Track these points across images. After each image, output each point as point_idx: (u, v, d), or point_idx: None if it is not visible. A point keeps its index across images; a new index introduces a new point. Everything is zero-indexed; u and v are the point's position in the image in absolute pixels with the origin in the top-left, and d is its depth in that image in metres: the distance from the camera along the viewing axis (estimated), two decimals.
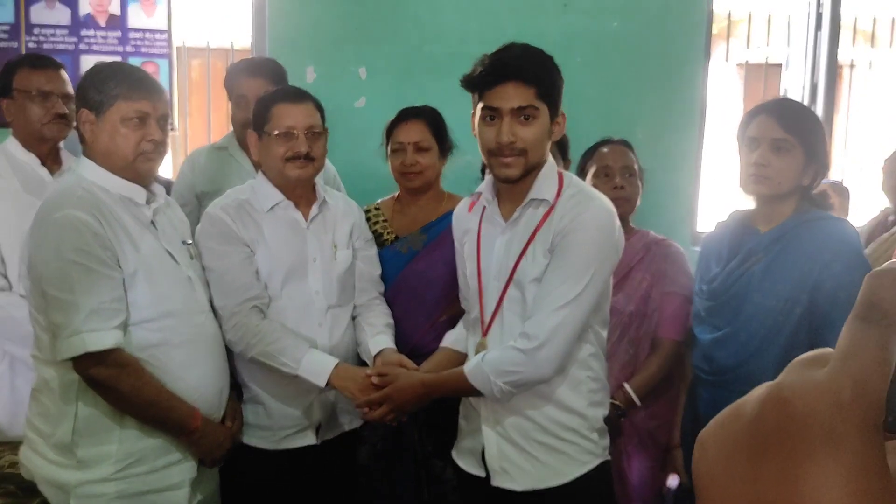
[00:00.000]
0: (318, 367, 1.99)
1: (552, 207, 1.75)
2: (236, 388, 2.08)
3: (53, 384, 1.77)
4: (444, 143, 2.33)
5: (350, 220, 2.26)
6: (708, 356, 1.96)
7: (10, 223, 2.28)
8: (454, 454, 1.97)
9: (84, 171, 1.82)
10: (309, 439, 2.15)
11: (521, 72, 1.70)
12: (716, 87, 4.06)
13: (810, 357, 0.40)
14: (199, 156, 2.78)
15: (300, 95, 2.13)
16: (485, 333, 1.83)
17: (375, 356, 2.09)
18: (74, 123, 1.92)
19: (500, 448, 1.80)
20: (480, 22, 3.80)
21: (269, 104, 2.11)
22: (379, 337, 2.14)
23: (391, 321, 2.25)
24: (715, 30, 3.98)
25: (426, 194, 2.36)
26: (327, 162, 2.81)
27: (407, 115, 2.32)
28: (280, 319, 2.08)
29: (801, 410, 0.37)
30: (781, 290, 1.80)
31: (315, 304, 2.13)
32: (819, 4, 4.07)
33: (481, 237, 1.85)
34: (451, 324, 2.23)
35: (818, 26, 4.07)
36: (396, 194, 2.43)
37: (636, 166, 2.27)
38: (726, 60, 4.10)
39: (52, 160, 2.51)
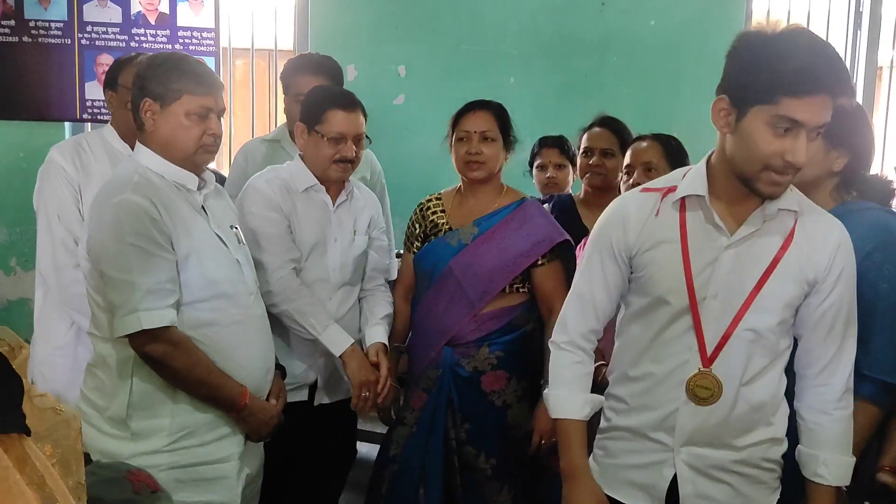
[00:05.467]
0: (338, 339, 2.25)
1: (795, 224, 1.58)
2: (280, 368, 2.16)
3: (110, 360, 1.86)
4: (508, 136, 2.36)
5: (370, 211, 2.46)
6: None
7: None
8: (602, 484, 1.71)
9: (141, 158, 1.90)
10: (301, 396, 2.34)
11: (837, 84, 1.43)
12: None
13: None
14: (253, 147, 2.90)
15: (353, 104, 2.28)
16: (709, 363, 1.58)
17: (369, 347, 2.34)
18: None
19: (695, 484, 1.62)
20: (518, 21, 3.86)
21: (324, 106, 2.26)
22: (374, 328, 2.37)
23: (391, 311, 2.45)
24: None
25: (486, 186, 2.36)
26: (374, 159, 2.92)
27: (474, 105, 2.36)
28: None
29: None
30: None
31: (330, 279, 2.35)
32: (859, 4, 4.05)
33: (689, 244, 1.58)
34: (494, 318, 2.29)
35: (857, 26, 4.06)
36: (458, 185, 2.45)
37: (662, 162, 2.27)
38: None
39: None
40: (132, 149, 2.44)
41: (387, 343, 2.36)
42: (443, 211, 2.40)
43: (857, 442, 1.66)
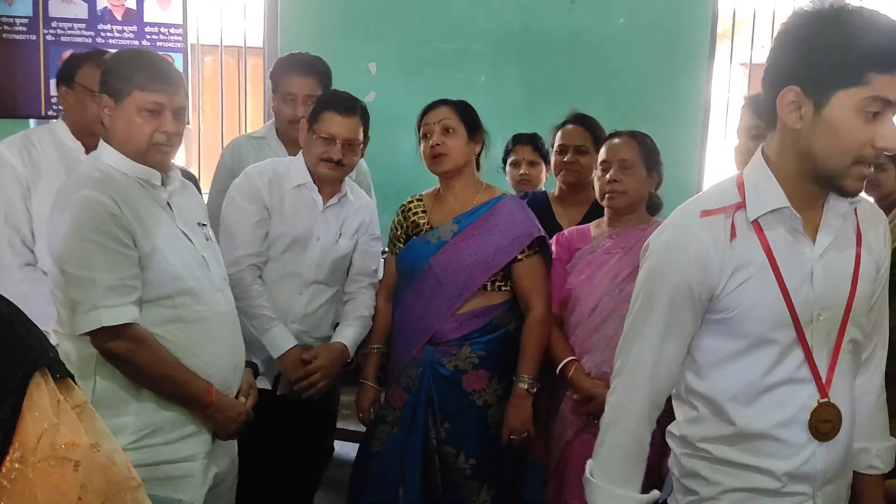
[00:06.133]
0: (278, 341, 2.33)
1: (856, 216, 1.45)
2: (252, 366, 2.15)
3: (73, 358, 1.82)
4: (472, 129, 2.36)
5: (361, 217, 2.50)
6: None
7: (48, 204, 2.35)
8: None
9: (103, 155, 1.88)
10: (264, 384, 2.35)
11: None
12: (720, 85, 4.12)
13: None
14: (240, 144, 2.92)
15: (351, 110, 2.34)
16: (826, 392, 1.39)
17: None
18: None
19: None
20: (488, 19, 3.88)
21: (323, 106, 2.36)
22: (341, 329, 2.45)
23: (366, 312, 2.48)
24: (720, 29, 4.04)
25: (460, 181, 2.36)
26: (361, 161, 2.91)
27: (434, 102, 2.40)
28: (272, 279, 2.39)
29: None
30: None
31: (304, 275, 2.41)
32: (823, 1, 4.11)
33: (780, 266, 1.37)
34: (476, 317, 2.29)
35: None
36: (438, 187, 2.45)
37: (638, 159, 2.28)
38: (730, 60, 4.15)
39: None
40: (85, 146, 2.44)
41: (348, 343, 2.41)
42: (424, 211, 2.41)
43: None
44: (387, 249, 2.54)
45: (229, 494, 2.07)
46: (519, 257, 2.28)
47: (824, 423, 1.39)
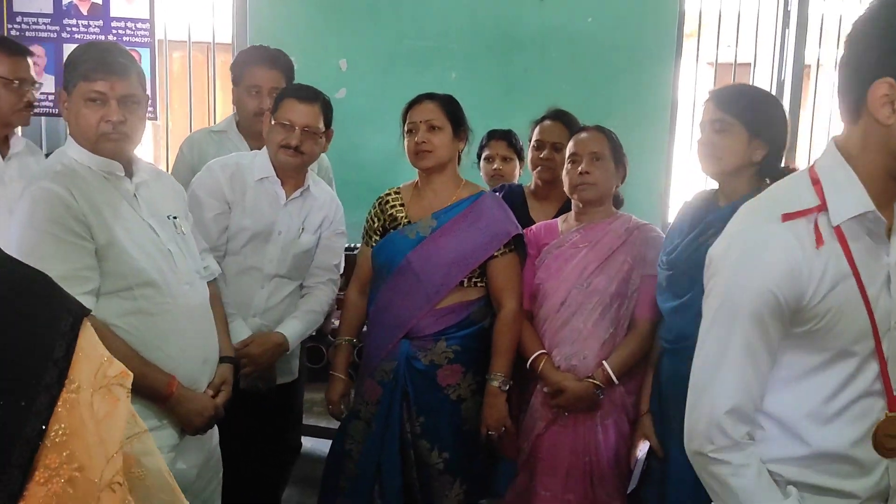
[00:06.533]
0: (233, 335, 2.27)
1: None
2: (233, 361, 2.13)
3: None
4: (458, 126, 2.36)
5: (325, 212, 2.50)
6: (668, 325, 2.04)
7: None
8: None
9: (69, 150, 1.89)
10: None
11: None
12: (688, 85, 4.18)
13: None
14: (199, 138, 2.88)
15: (310, 98, 2.35)
16: (894, 405, 1.31)
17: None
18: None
19: None
20: (459, 17, 3.89)
21: (283, 95, 2.39)
22: (288, 321, 2.43)
23: (318, 308, 2.50)
24: (687, 29, 4.11)
25: (440, 177, 2.36)
26: (323, 155, 2.90)
27: (421, 97, 2.38)
28: (232, 273, 2.39)
29: None
30: None
31: (265, 269, 2.42)
32: (787, 4, 4.20)
33: (859, 267, 1.28)
34: (453, 312, 2.29)
35: (786, 25, 4.21)
36: (416, 180, 2.45)
37: (607, 152, 2.32)
38: (697, 59, 4.22)
39: (2, 143, 2.57)
40: None
41: (289, 335, 2.39)
42: (402, 205, 2.40)
43: None
44: (361, 241, 2.52)
45: (207, 494, 2.06)
46: (495, 254, 2.30)
47: (890, 437, 1.30)
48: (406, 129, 2.35)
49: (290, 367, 2.60)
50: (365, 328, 2.51)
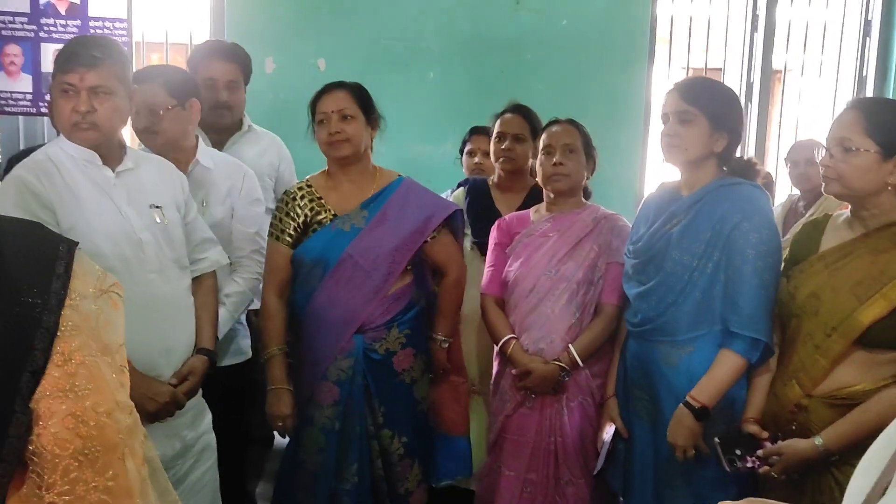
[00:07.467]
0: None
1: None
2: (209, 353, 2.10)
3: None
4: (369, 114, 2.32)
5: (231, 181, 2.45)
6: (634, 309, 2.12)
7: None
8: None
9: (59, 141, 1.98)
10: None
11: None
12: (661, 88, 4.27)
13: None
14: None
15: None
16: None
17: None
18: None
19: None
20: (436, 18, 3.94)
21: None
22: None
23: (242, 288, 2.38)
24: (660, 35, 4.20)
25: (357, 166, 2.34)
26: (282, 146, 2.91)
27: (329, 87, 2.33)
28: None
29: None
30: (696, 247, 1.96)
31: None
32: (756, 8, 4.31)
33: None
34: (399, 298, 2.31)
35: (754, 30, 4.32)
36: (325, 171, 2.39)
37: (579, 145, 2.39)
38: (669, 63, 4.31)
39: None
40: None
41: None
42: (320, 198, 2.34)
43: (724, 390, 1.89)
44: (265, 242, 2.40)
45: (192, 480, 2.08)
46: (434, 235, 2.34)
47: None
48: (317, 119, 2.31)
49: (238, 347, 2.50)
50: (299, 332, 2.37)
